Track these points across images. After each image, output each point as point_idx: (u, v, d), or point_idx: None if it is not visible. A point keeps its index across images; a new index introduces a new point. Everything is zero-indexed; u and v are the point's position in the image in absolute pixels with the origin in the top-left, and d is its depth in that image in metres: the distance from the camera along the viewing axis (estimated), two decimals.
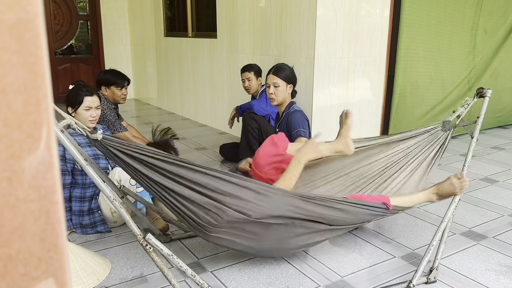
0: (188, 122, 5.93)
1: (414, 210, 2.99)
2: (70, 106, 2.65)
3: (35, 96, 0.31)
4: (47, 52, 0.32)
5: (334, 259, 2.35)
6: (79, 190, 2.61)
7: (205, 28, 5.62)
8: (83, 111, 2.63)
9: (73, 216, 2.60)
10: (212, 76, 5.42)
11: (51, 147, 0.32)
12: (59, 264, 0.33)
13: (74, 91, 2.65)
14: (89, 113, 2.64)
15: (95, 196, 2.62)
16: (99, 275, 2.16)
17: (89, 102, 2.64)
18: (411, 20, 4.25)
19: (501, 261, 2.33)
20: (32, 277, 0.32)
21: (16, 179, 0.31)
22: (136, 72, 7.65)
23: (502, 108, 5.55)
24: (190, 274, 1.86)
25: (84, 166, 1.77)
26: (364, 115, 4.27)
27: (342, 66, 3.96)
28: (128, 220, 1.80)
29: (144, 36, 7.15)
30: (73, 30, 7.32)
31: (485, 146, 4.69)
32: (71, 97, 2.63)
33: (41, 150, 0.32)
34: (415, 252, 2.43)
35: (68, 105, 2.65)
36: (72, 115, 2.63)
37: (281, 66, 3.09)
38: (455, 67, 4.88)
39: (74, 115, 2.63)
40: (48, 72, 0.32)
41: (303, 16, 3.80)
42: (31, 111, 0.31)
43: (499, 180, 3.62)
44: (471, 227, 2.74)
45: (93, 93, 2.69)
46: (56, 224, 0.33)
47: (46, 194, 0.32)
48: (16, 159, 0.30)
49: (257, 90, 3.93)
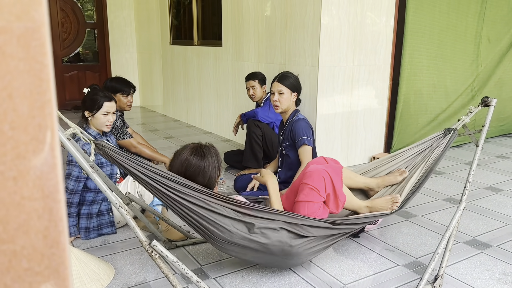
0: (193, 129, 5.96)
1: (418, 219, 2.99)
2: (87, 110, 2.65)
3: (40, 101, 0.33)
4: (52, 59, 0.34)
5: (337, 267, 2.35)
6: (91, 194, 2.65)
7: (211, 37, 5.67)
8: (101, 116, 2.65)
9: (81, 219, 2.63)
10: (217, 83, 5.46)
11: (54, 149, 0.34)
12: (61, 260, 0.35)
13: (93, 96, 2.66)
14: (106, 118, 2.67)
15: (105, 198, 2.66)
16: (103, 281, 2.17)
17: (108, 107, 2.67)
18: (415, 29, 4.27)
19: (505, 270, 2.32)
20: (35, 272, 0.34)
21: (21, 178, 0.32)
22: (142, 80, 7.71)
23: (506, 117, 5.54)
24: (195, 280, 1.88)
25: (90, 173, 1.79)
26: (368, 123, 4.27)
27: (347, 75, 3.98)
28: (133, 226, 1.82)
29: (150, 44, 7.22)
30: (80, 38, 7.41)
31: (490, 155, 4.67)
32: (89, 101, 2.65)
33: (45, 151, 0.34)
34: (418, 261, 2.42)
35: (86, 109, 2.65)
36: (89, 119, 2.67)
37: (286, 74, 3.12)
38: (458, 76, 4.88)
39: (91, 119, 2.67)
40: (53, 78, 0.34)
41: (307, 24, 3.83)
42: (36, 115, 0.33)
43: (503, 189, 3.60)
44: (475, 236, 2.73)
45: (112, 99, 2.73)
46: (59, 222, 0.35)
47: (49, 193, 0.34)
48: (22, 159, 0.32)
49: (261, 98, 3.95)
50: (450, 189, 3.59)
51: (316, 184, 2.22)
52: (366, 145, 4.33)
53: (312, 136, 3.08)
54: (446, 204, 3.27)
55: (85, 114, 2.66)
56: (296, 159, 3.07)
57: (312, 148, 3.04)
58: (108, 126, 2.70)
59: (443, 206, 3.22)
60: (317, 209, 2.24)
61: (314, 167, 2.31)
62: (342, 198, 2.28)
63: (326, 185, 2.23)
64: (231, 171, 4.04)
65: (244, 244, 1.95)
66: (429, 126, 4.72)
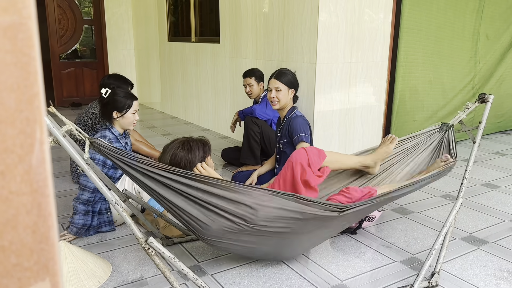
0: (191, 126, 5.95)
1: (415, 215, 2.99)
2: (117, 110, 2.67)
3: (28, 94, 0.32)
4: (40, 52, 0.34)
5: (334, 263, 2.35)
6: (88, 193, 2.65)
7: (209, 33, 5.66)
8: (130, 115, 2.71)
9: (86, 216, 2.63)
10: (215, 80, 5.45)
11: (43, 143, 0.34)
12: (50, 255, 0.35)
13: (120, 96, 2.69)
14: (134, 117, 2.74)
15: (103, 197, 2.67)
16: (100, 278, 2.17)
17: (136, 105, 2.75)
18: (410, 25, 4.27)
19: (501, 266, 2.32)
20: (24, 267, 0.34)
21: (9, 173, 0.32)
22: (140, 77, 7.69)
23: (503, 114, 5.55)
24: (192, 277, 1.87)
25: (86, 170, 1.79)
26: (366, 120, 4.27)
27: (344, 71, 3.98)
28: (130, 223, 1.81)
29: (148, 41, 7.20)
30: (77, 34, 7.39)
31: (487, 151, 4.68)
32: (118, 102, 2.67)
33: (33, 145, 0.33)
34: (415, 257, 2.42)
35: (115, 110, 2.67)
36: (117, 119, 2.69)
37: (283, 71, 3.11)
38: (456, 73, 4.88)
39: (120, 119, 2.69)
40: (41, 71, 0.33)
41: (305, 21, 3.82)
42: (23, 109, 0.32)
43: (500, 185, 3.61)
44: (472, 232, 2.74)
45: (136, 97, 2.81)
46: (48, 216, 0.34)
47: (38, 187, 0.34)
48: (9, 154, 0.32)
49: (259, 95, 3.94)
50: (447, 185, 3.60)
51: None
52: (363, 142, 4.33)
53: (310, 133, 3.08)
54: (443, 200, 3.28)
55: (114, 115, 2.67)
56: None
57: (309, 145, 3.03)
58: (134, 124, 2.78)
59: (440, 203, 3.23)
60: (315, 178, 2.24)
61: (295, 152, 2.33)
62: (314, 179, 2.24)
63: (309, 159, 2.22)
64: (229, 168, 4.04)
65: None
66: (427, 123, 4.73)
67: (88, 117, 3.48)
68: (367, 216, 2.76)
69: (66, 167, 3.99)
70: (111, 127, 2.70)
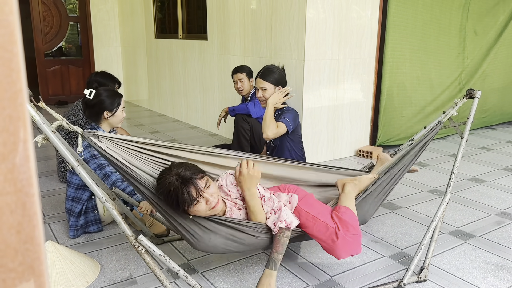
0: (179, 124, 5.92)
1: (403, 210, 3.02)
2: (107, 110, 2.65)
3: (10, 91, 0.31)
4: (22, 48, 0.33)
5: (324, 259, 2.36)
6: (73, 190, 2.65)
7: (196, 30, 5.63)
8: (120, 112, 2.71)
9: (71, 217, 2.61)
10: (203, 77, 5.42)
11: (27, 141, 0.33)
12: (35, 255, 0.34)
13: (107, 95, 2.66)
14: (122, 114, 2.74)
15: (92, 196, 2.66)
16: (88, 277, 2.15)
17: (123, 102, 2.76)
18: (397, 22, 4.29)
19: (488, 259, 2.36)
20: (9, 268, 0.33)
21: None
22: (127, 74, 7.63)
23: (488, 109, 5.62)
24: (182, 275, 1.87)
25: (76, 167, 1.77)
26: (354, 117, 4.30)
27: (332, 68, 3.99)
28: (120, 221, 1.80)
29: (134, 37, 7.14)
30: (62, 32, 7.29)
31: (473, 146, 4.74)
32: (109, 101, 2.65)
33: (17, 144, 0.32)
34: (404, 252, 2.45)
35: (105, 110, 2.64)
36: (107, 118, 2.67)
37: (269, 69, 3.09)
38: (443, 69, 4.93)
39: (111, 118, 2.68)
40: (23, 67, 0.33)
41: (293, 18, 3.82)
42: (6, 106, 0.31)
43: (487, 180, 3.66)
44: (459, 227, 2.77)
45: (121, 94, 2.81)
46: (33, 216, 0.34)
47: (22, 187, 0.33)
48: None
49: (249, 92, 3.94)
50: (434, 180, 3.64)
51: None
52: (352, 138, 4.35)
53: (297, 126, 3.06)
54: (431, 195, 3.31)
55: (105, 115, 2.64)
56: (283, 146, 3.06)
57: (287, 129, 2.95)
58: (122, 121, 2.77)
59: (428, 198, 3.26)
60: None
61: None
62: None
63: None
64: None
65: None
66: (415, 119, 4.77)
67: (75, 115, 3.44)
68: None
69: (53, 166, 3.94)
70: (97, 126, 2.68)
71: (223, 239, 1.89)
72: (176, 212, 1.87)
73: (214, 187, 1.89)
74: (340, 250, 2.02)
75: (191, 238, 1.87)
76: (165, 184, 1.81)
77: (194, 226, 1.87)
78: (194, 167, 1.89)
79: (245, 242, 1.94)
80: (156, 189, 1.87)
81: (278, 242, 1.93)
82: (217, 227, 1.88)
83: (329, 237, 2.02)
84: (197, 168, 1.90)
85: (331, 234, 2.01)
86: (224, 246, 1.91)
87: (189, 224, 1.87)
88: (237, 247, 1.94)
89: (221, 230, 1.89)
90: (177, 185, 1.78)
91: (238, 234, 1.91)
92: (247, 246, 1.97)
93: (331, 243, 2.01)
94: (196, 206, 1.82)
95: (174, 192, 1.78)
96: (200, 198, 1.81)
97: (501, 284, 2.12)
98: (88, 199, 2.64)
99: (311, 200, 2.17)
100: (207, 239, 1.87)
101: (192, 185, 1.80)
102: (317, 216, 2.06)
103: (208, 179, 1.89)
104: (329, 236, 2.02)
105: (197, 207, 1.82)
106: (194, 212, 1.84)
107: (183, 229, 1.88)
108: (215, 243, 1.89)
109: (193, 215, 1.86)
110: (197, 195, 1.80)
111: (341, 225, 2.04)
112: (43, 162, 4.11)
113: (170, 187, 1.79)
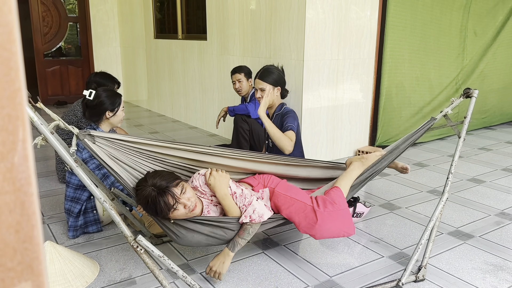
0: (179, 124, 5.92)
1: (402, 211, 3.02)
2: (109, 110, 2.65)
3: (9, 90, 0.31)
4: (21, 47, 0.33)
5: (323, 259, 2.36)
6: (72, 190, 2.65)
7: (195, 30, 5.63)
8: (121, 112, 2.73)
9: (70, 217, 2.61)
10: (202, 78, 5.42)
11: (25, 140, 0.33)
12: (34, 255, 0.34)
13: (111, 95, 2.67)
14: (122, 113, 2.76)
15: (91, 196, 2.66)
16: (88, 278, 2.15)
17: (123, 102, 2.77)
18: (395, 22, 4.30)
19: (487, 260, 2.36)
20: (8, 267, 0.33)
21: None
22: (126, 74, 7.62)
23: (488, 109, 5.62)
24: (181, 275, 1.87)
25: (74, 167, 1.77)
26: (353, 117, 4.30)
27: (331, 68, 3.99)
28: (118, 221, 1.80)
29: (134, 38, 7.14)
30: (62, 32, 7.29)
31: (472, 147, 4.74)
32: (109, 102, 2.65)
33: (16, 143, 0.32)
34: (403, 252, 2.45)
35: (107, 110, 2.65)
36: (109, 118, 2.67)
37: (268, 69, 3.09)
38: (443, 69, 4.93)
39: (112, 118, 2.68)
40: (22, 67, 0.33)
41: (292, 18, 3.83)
42: (5, 105, 0.31)
43: (486, 180, 3.66)
44: (458, 227, 2.77)
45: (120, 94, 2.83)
46: (32, 215, 0.34)
47: (21, 186, 0.33)
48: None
49: (248, 92, 3.94)
50: (433, 181, 3.64)
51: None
52: (351, 139, 4.36)
53: (298, 128, 3.07)
54: (430, 196, 3.31)
55: (107, 115, 2.65)
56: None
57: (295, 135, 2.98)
58: (121, 121, 2.79)
59: (427, 198, 3.26)
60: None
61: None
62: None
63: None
64: None
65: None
66: (413, 119, 4.77)
67: (74, 115, 3.44)
68: (355, 212, 2.78)
69: (52, 167, 3.94)
70: (97, 127, 2.68)
71: (205, 236, 2.02)
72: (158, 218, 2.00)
73: (189, 191, 2.00)
74: (321, 228, 2.09)
75: (175, 236, 2.00)
76: (142, 195, 1.91)
77: (178, 226, 2.00)
78: (169, 175, 2.00)
79: (225, 237, 2.06)
80: (136, 200, 1.98)
81: (243, 229, 2.06)
82: (198, 226, 2.01)
83: (307, 215, 2.12)
84: (172, 175, 2.01)
85: (309, 212, 2.12)
86: (206, 242, 2.04)
87: (173, 226, 2.00)
88: (218, 241, 2.07)
89: (202, 229, 2.01)
90: (154, 196, 1.89)
91: (218, 230, 2.03)
92: (228, 240, 2.08)
93: (311, 222, 2.10)
94: (175, 212, 1.93)
95: (152, 203, 1.90)
96: (177, 204, 1.92)
97: (500, 285, 2.12)
98: (87, 199, 2.64)
99: (287, 185, 2.31)
100: (190, 237, 2.00)
101: (169, 193, 1.90)
102: (295, 197, 2.18)
103: (184, 184, 1.99)
104: (308, 214, 2.12)
105: (176, 213, 1.94)
106: (174, 216, 1.96)
107: (167, 229, 2.01)
108: (198, 239, 2.01)
109: (174, 219, 1.98)
110: (174, 202, 1.91)
111: (320, 202, 2.15)
112: (42, 162, 4.11)
113: (147, 198, 1.90)
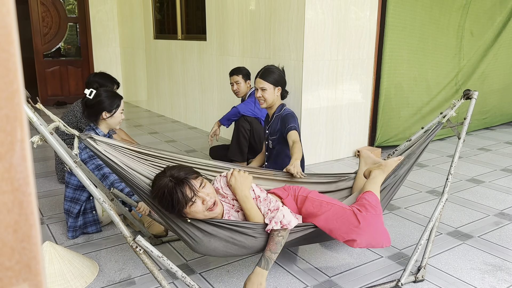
0: (178, 124, 5.92)
1: (401, 211, 3.02)
2: (106, 111, 2.64)
3: (7, 91, 0.32)
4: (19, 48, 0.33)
5: (322, 260, 2.37)
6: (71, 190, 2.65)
7: (195, 31, 5.63)
8: (119, 114, 2.70)
9: (69, 218, 2.61)
10: (202, 78, 5.43)
11: (24, 141, 0.33)
12: (32, 254, 0.34)
13: (110, 96, 2.66)
14: (121, 115, 2.73)
15: (90, 197, 2.66)
16: (87, 278, 2.15)
17: (122, 104, 2.74)
18: (395, 23, 4.30)
19: (486, 260, 2.36)
20: (6, 267, 0.33)
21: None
22: (126, 75, 7.63)
23: (488, 110, 5.63)
24: (180, 275, 1.86)
25: (74, 168, 1.77)
26: (352, 117, 4.30)
27: (331, 69, 4.00)
28: (117, 222, 1.80)
29: (133, 38, 7.14)
30: (61, 32, 7.29)
31: (472, 147, 4.75)
32: (108, 102, 2.64)
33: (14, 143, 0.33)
34: (402, 252, 2.45)
35: (104, 110, 2.64)
36: (106, 119, 2.66)
37: (269, 69, 3.09)
38: (440, 69, 4.94)
39: (109, 119, 2.67)
40: (20, 68, 0.33)
41: (292, 19, 3.83)
42: (3, 106, 0.32)
43: (485, 180, 3.67)
44: (457, 227, 2.77)
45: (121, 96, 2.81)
46: (30, 215, 0.34)
47: (19, 186, 0.33)
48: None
49: (245, 94, 3.93)
50: (433, 181, 3.64)
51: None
52: (350, 139, 4.36)
53: (298, 128, 3.07)
54: (429, 196, 3.32)
55: (103, 115, 2.64)
56: (283, 151, 3.07)
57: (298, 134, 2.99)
58: (120, 123, 2.77)
59: (426, 198, 3.26)
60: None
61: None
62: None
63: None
64: None
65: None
66: (412, 119, 4.77)
67: (74, 116, 3.44)
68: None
69: (51, 167, 3.94)
70: (96, 127, 2.67)
71: (223, 242, 1.86)
72: (174, 215, 1.84)
73: (210, 187, 1.87)
74: (364, 232, 1.89)
75: (191, 241, 1.85)
76: (159, 186, 1.80)
77: (194, 228, 1.84)
78: (188, 168, 1.88)
79: (245, 244, 1.89)
80: (151, 193, 1.85)
81: (272, 240, 1.87)
82: (216, 230, 1.85)
83: (348, 218, 1.92)
84: (191, 169, 1.88)
85: (350, 215, 1.92)
86: (224, 249, 1.87)
87: (188, 227, 1.84)
88: (237, 250, 1.90)
89: (221, 233, 1.85)
90: (171, 186, 1.77)
91: (238, 236, 1.88)
92: (247, 249, 1.92)
93: (352, 226, 1.90)
94: (192, 206, 1.79)
95: (168, 194, 1.76)
96: (195, 198, 1.78)
97: (499, 285, 2.12)
98: (86, 199, 2.65)
99: (319, 193, 2.17)
100: (207, 242, 1.84)
101: (187, 185, 1.78)
102: (331, 202, 2.01)
103: (203, 179, 1.87)
104: (348, 217, 1.92)
105: (193, 208, 1.79)
106: (191, 213, 1.81)
107: (182, 232, 1.85)
108: (215, 246, 1.85)
109: (190, 217, 1.83)
110: (192, 195, 1.77)
111: (360, 207, 1.96)
112: (41, 162, 4.11)
113: (164, 189, 1.77)
